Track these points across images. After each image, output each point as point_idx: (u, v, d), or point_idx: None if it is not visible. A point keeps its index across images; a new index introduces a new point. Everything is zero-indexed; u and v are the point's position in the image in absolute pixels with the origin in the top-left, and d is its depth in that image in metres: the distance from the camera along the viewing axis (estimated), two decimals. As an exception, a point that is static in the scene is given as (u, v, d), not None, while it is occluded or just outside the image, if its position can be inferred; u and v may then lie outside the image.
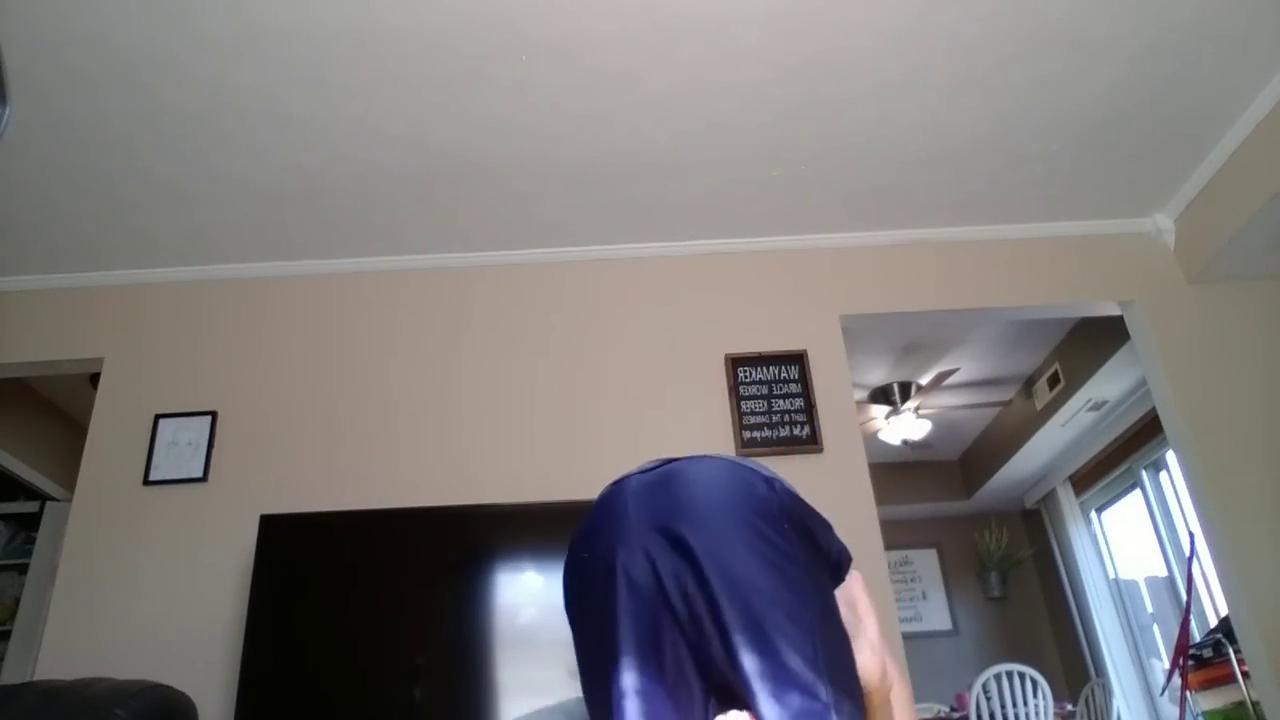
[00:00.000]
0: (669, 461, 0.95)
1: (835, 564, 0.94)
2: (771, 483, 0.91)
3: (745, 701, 0.78)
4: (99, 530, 2.86)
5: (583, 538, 0.95)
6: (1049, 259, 3.33)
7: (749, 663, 0.78)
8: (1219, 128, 2.93)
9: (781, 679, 0.77)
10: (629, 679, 0.81)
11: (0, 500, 4.43)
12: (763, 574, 0.82)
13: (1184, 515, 4.64)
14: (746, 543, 0.84)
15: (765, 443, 2.98)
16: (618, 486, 0.95)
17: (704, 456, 0.95)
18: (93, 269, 3.24)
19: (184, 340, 3.17)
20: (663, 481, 0.91)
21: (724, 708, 0.80)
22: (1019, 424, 5.43)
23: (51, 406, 4.39)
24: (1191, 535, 3.89)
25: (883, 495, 3.07)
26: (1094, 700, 4.93)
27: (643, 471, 0.95)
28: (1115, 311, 3.35)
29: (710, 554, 0.82)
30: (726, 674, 0.80)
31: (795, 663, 0.78)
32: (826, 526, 0.94)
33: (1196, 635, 3.70)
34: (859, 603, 0.91)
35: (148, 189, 2.88)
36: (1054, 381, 4.85)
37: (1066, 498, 5.99)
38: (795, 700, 0.77)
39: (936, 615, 6.50)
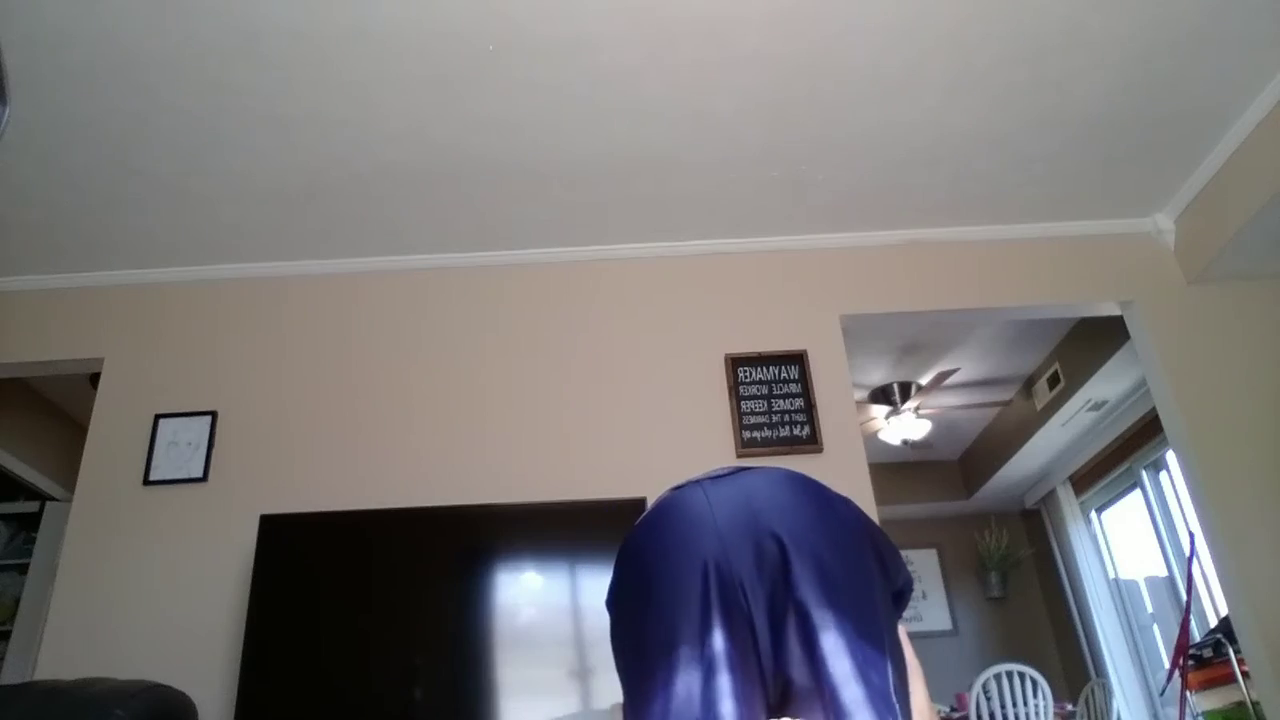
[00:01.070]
0: (737, 471, 0.95)
1: (899, 591, 0.94)
2: (846, 502, 0.92)
3: (821, 707, 0.79)
4: (99, 530, 2.86)
5: (653, 541, 0.92)
6: (1049, 259, 3.33)
7: (838, 670, 0.79)
8: (1219, 128, 2.93)
9: (869, 692, 0.78)
10: (724, 682, 0.80)
11: (0, 500, 4.43)
12: (849, 587, 0.83)
13: (1184, 515, 4.64)
14: (835, 557, 0.85)
15: (765, 443, 2.98)
16: (691, 491, 0.94)
17: (775, 468, 0.96)
18: (93, 269, 3.24)
19: (184, 340, 3.17)
20: (744, 490, 0.91)
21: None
22: (1019, 424, 5.43)
23: (51, 406, 4.39)
24: (1191, 535, 3.89)
25: (883, 495, 3.08)
26: (1094, 700, 4.93)
27: (715, 477, 0.95)
28: (1115, 311, 3.35)
29: (803, 567, 0.83)
30: (800, 681, 0.80)
31: (875, 677, 0.79)
32: (896, 553, 0.94)
33: (1196, 635, 3.70)
34: (909, 667, 0.91)
35: (148, 189, 2.88)
36: (1054, 381, 4.85)
37: (1066, 498, 5.98)
38: (884, 712, 0.78)
39: (936, 615, 6.50)
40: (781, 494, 0.90)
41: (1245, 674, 3.10)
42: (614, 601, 0.94)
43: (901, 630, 0.92)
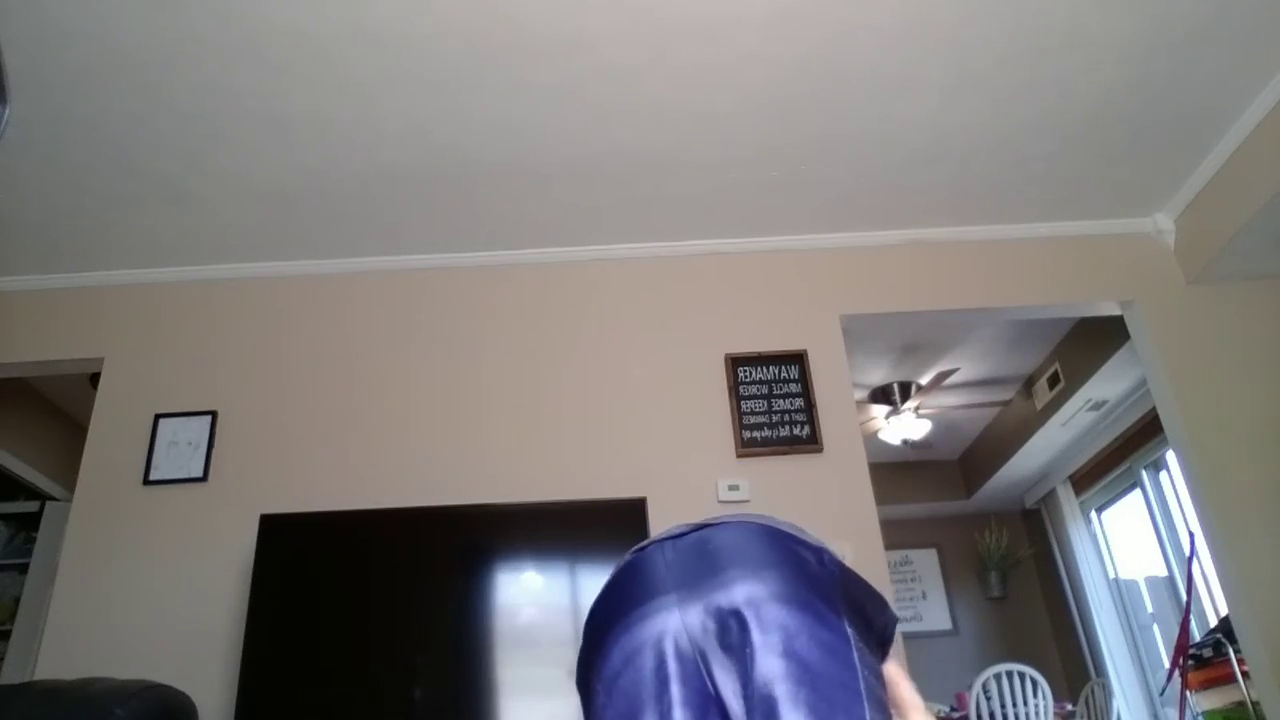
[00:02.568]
0: (702, 526, 0.87)
1: (881, 640, 0.88)
2: (820, 554, 0.85)
3: None
4: (99, 530, 2.86)
5: (610, 616, 0.86)
6: (1049, 259, 3.33)
7: None
8: (1219, 128, 2.93)
9: None
10: None
11: (0, 500, 4.43)
12: (822, 666, 0.77)
13: (1184, 515, 4.64)
14: (805, 630, 0.78)
15: (765, 443, 2.98)
16: (652, 554, 0.86)
17: (741, 522, 0.87)
18: (93, 269, 3.24)
19: (184, 340, 3.17)
20: (706, 557, 0.83)
21: None
22: (1019, 424, 5.43)
23: (51, 406, 4.39)
24: (1191, 535, 3.89)
25: (883, 495, 3.07)
26: (1094, 700, 4.93)
27: (674, 537, 0.87)
28: (1115, 311, 3.35)
29: (768, 645, 0.77)
30: None
31: None
32: (877, 601, 0.88)
33: (1196, 635, 3.70)
34: (905, 706, 0.86)
35: (148, 189, 2.88)
36: (1054, 381, 4.85)
37: (1066, 498, 5.98)
38: None
39: (936, 615, 6.50)
40: (745, 556, 0.83)
41: (1245, 674, 3.10)
42: (581, 683, 0.89)
43: (895, 670, 0.88)
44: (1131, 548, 5.44)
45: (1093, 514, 5.84)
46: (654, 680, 0.79)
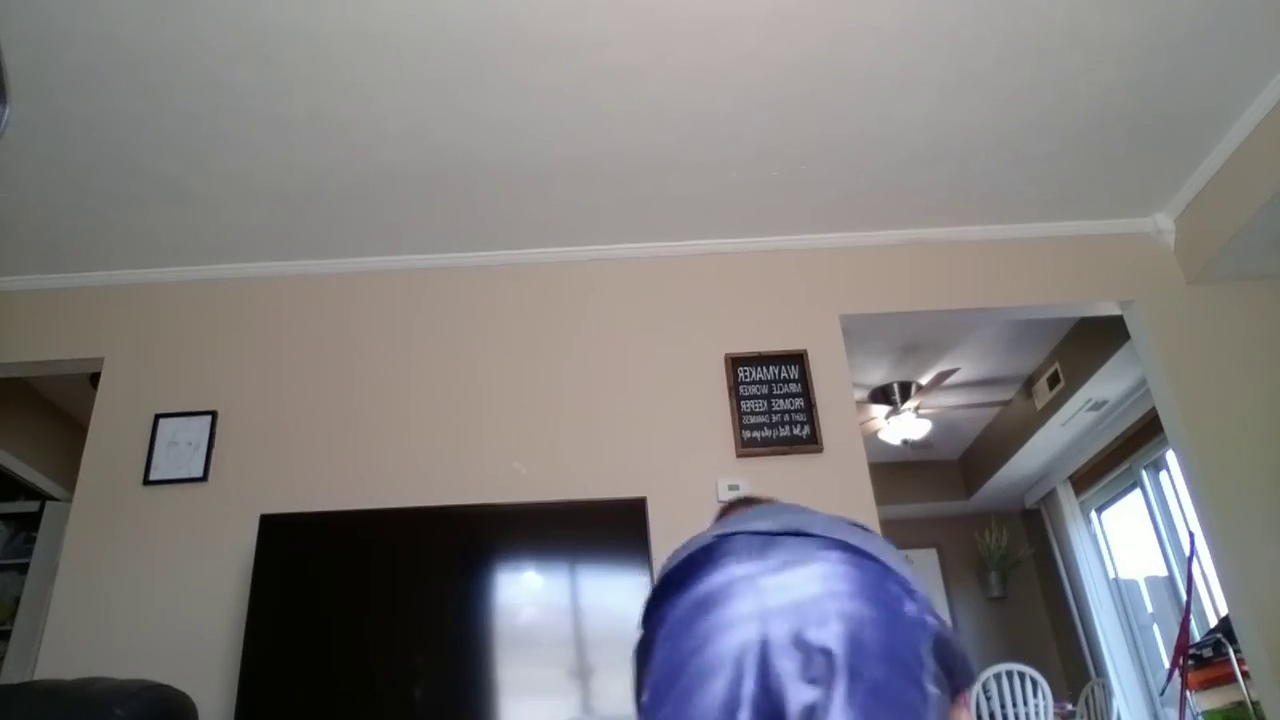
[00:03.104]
0: (800, 534, 0.86)
1: (955, 690, 0.88)
2: (914, 596, 0.85)
3: None
4: (99, 530, 2.86)
5: (682, 600, 0.85)
6: (1049, 259, 3.33)
7: None
8: (1219, 128, 2.93)
9: None
10: None
11: (0, 500, 4.43)
12: (898, 708, 0.77)
13: (1184, 515, 4.64)
14: (889, 687, 0.78)
15: (765, 443, 2.98)
16: (740, 550, 0.86)
17: (837, 540, 0.85)
18: (93, 269, 3.24)
19: (184, 340, 3.17)
20: (803, 573, 0.83)
21: None
22: (1019, 424, 5.43)
23: (51, 406, 4.39)
24: (1191, 535, 3.89)
25: (883, 495, 3.08)
26: (1094, 700, 4.93)
27: (769, 536, 0.87)
28: (1115, 311, 3.35)
29: (850, 683, 0.77)
30: None
31: None
32: (962, 657, 0.88)
33: (1196, 635, 3.70)
34: None
35: (149, 189, 2.88)
36: (1054, 381, 4.85)
37: (1066, 498, 5.98)
38: None
39: (936, 615, 6.50)
40: (842, 589, 0.82)
41: (1245, 674, 3.10)
42: (641, 659, 0.88)
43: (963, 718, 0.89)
44: (1131, 548, 5.44)
45: (1093, 514, 5.84)
46: (725, 685, 0.79)
